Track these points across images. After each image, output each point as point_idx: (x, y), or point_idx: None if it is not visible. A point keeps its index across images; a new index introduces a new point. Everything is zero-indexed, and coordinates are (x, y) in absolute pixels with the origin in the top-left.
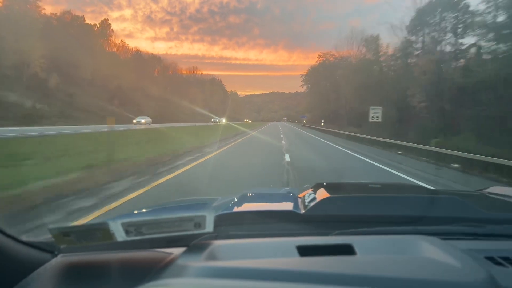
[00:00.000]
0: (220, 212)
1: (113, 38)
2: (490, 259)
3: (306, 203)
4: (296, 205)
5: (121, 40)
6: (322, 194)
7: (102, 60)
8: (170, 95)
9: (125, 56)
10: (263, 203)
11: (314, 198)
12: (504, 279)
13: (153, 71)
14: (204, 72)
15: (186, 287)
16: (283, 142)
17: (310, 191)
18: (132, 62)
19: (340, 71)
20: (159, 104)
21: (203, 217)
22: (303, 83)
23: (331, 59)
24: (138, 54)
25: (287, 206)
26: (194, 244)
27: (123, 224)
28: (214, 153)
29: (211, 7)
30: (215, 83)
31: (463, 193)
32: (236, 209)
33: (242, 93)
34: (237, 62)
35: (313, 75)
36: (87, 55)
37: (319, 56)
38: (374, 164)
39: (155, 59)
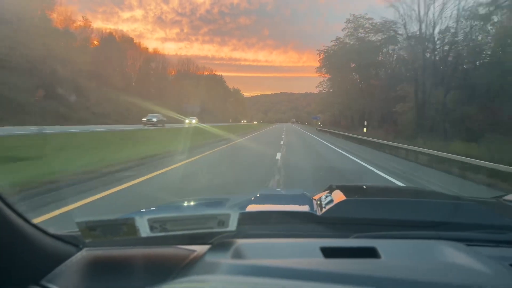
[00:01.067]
0: (241, 211)
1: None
2: None
3: (323, 205)
4: (311, 207)
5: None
6: (338, 196)
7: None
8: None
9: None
10: (279, 203)
11: (331, 200)
12: None
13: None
14: (207, 72)
15: (219, 284)
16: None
17: (326, 193)
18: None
19: (391, 46)
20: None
21: (228, 216)
22: (319, 69)
23: (368, 26)
24: (111, 38)
25: (303, 207)
26: (219, 242)
27: (149, 220)
28: None
29: (222, 8)
30: (213, 80)
31: (483, 200)
32: (254, 209)
33: (249, 93)
34: (247, 63)
35: (336, 57)
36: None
37: (347, 22)
38: None
39: (126, 42)
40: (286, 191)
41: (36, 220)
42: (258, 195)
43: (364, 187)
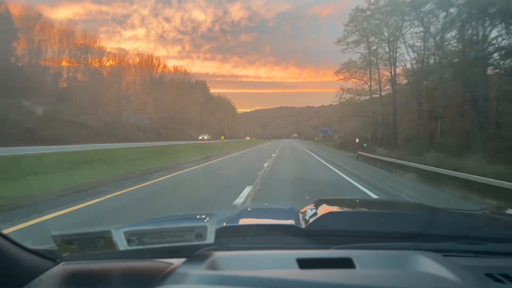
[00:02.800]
0: (222, 225)
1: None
2: (490, 276)
3: (308, 218)
4: (297, 220)
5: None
6: (323, 209)
7: None
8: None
9: None
10: (264, 217)
11: (316, 213)
12: None
13: None
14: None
15: None
16: None
17: (311, 206)
18: None
19: None
20: None
21: (205, 228)
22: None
23: None
24: None
25: (289, 220)
26: (196, 254)
27: (125, 233)
28: None
29: (223, 26)
30: (195, 86)
31: (465, 212)
32: (237, 222)
33: (250, 109)
34: (248, 79)
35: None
36: None
37: None
38: None
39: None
40: (275, 205)
41: None
42: (245, 209)
43: (350, 200)
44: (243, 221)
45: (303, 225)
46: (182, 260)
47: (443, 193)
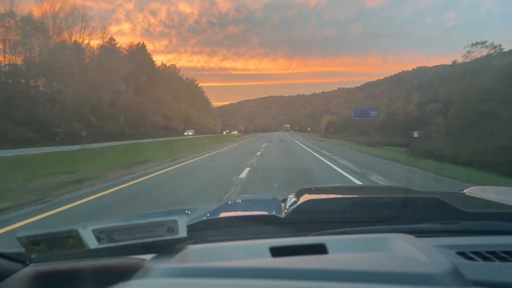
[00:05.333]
0: (199, 219)
1: None
2: (462, 254)
3: (287, 207)
4: (278, 209)
5: None
6: (302, 197)
7: None
8: None
9: None
10: (245, 209)
11: (295, 202)
12: (471, 272)
13: None
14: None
15: (158, 286)
16: None
17: (292, 195)
18: None
19: None
20: None
21: (175, 221)
22: None
23: None
24: None
25: (269, 210)
26: (167, 249)
27: (94, 231)
28: None
29: (210, 18)
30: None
31: (443, 192)
32: (217, 215)
33: (233, 101)
34: (236, 72)
35: None
36: None
37: None
38: None
39: None
40: (258, 196)
41: None
42: (227, 202)
43: (331, 188)
44: (223, 214)
45: (283, 214)
46: (154, 255)
47: None
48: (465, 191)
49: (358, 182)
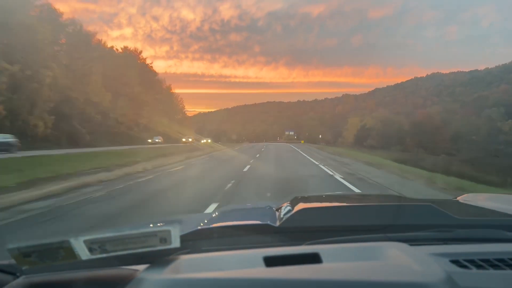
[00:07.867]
0: (192, 228)
1: None
2: (455, 262)
3: (282, 216)
4: (272, 218)
5: None
6: (297, 206)
7: None
8: None
9: None
10: (240, 218)
11: (290, 210)
12: (464, 280)
13: None
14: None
15: None
16: None
17: (287, 204)
18: None
19: None
20: None
21: (168, 232)
22: None
23: None
24: None
25: (263, 219)
26: (160, 259)
27: (86, 242)
28: None
29: (212, 26)
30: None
31: (438, 200)
32: (211, 224)
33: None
34: (237, 80)
35: None
36: None
37: None
38: None
39: None
40: (253, 205)
41: None
42: (220, 211)
43: (326, 196)
44: (217, 223)
45: (277, 223)
46: (147, 266)
47: None
48: (458, 198)
49: None
